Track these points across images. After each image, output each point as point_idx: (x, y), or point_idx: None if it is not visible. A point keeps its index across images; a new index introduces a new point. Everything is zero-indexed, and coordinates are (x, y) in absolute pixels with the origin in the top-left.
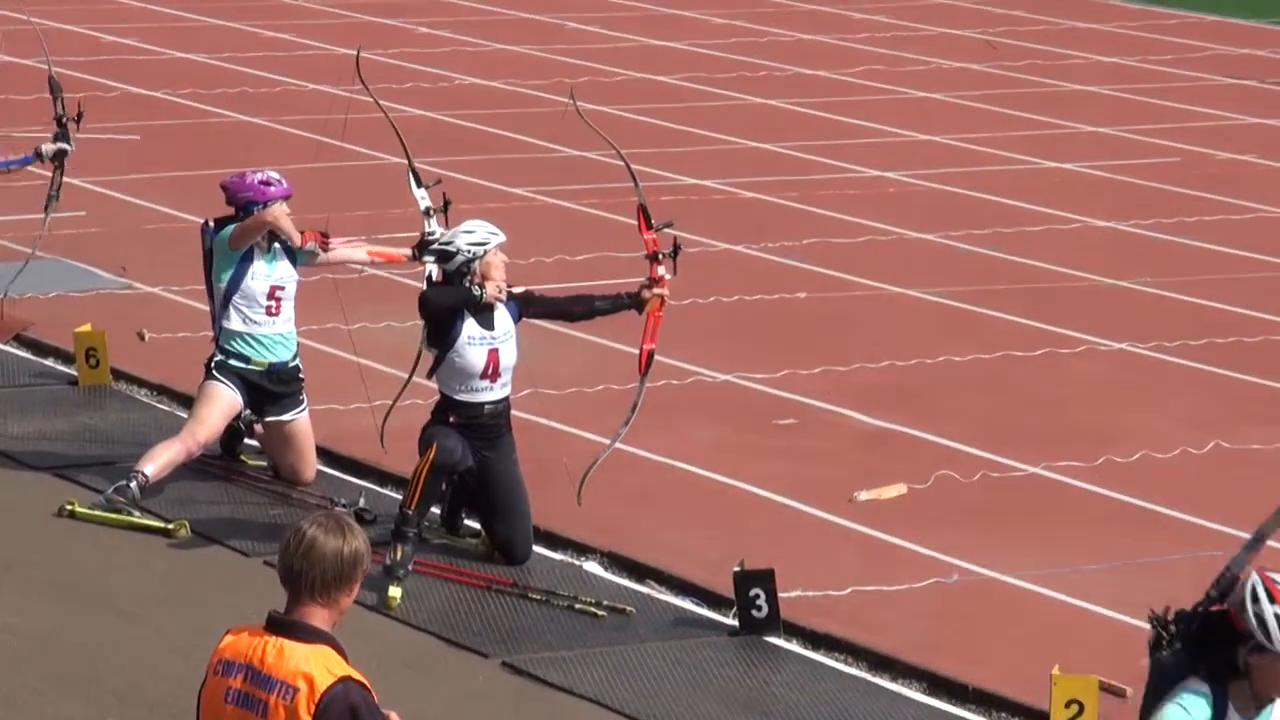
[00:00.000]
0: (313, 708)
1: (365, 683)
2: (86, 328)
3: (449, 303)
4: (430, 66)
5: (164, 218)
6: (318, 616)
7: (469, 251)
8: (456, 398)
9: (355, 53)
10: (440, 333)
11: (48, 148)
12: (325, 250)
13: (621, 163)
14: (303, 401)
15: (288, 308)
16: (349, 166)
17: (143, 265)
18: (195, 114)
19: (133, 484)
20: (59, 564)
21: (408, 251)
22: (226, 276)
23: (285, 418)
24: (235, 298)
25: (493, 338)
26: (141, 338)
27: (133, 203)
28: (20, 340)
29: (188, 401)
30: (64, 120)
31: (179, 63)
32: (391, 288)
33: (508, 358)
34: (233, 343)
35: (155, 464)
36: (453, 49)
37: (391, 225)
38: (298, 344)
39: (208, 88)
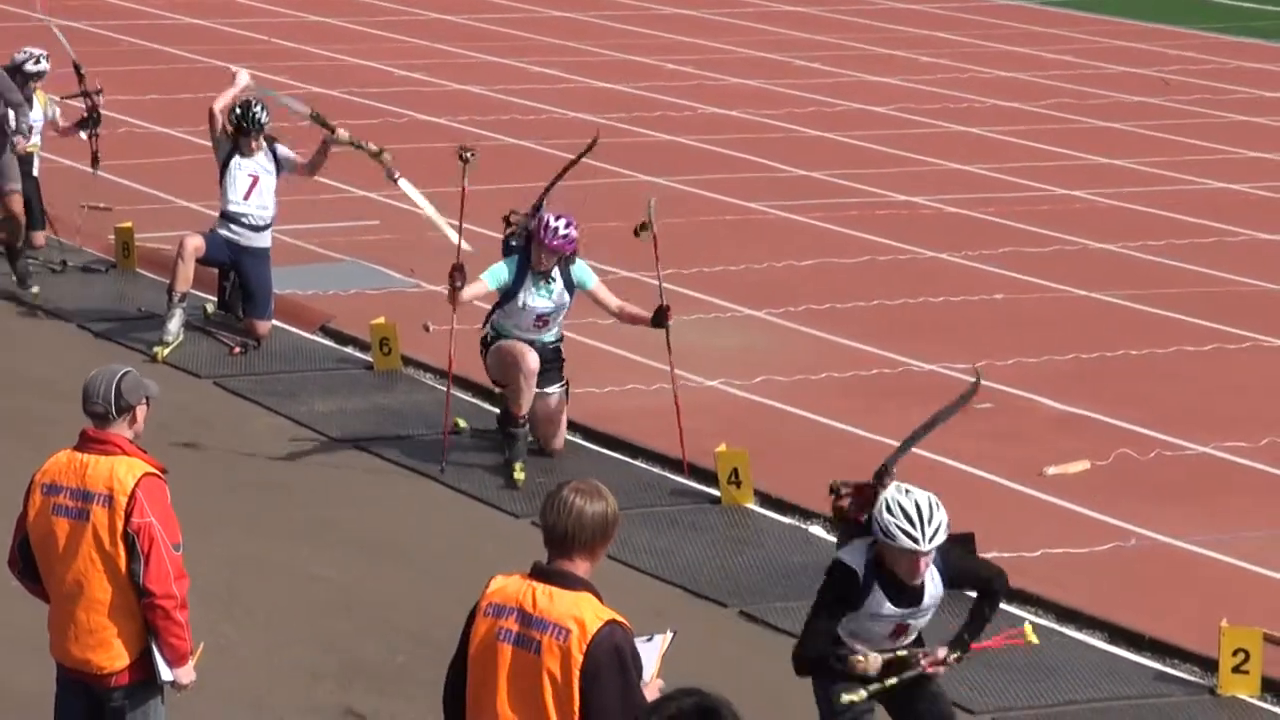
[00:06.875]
0: (584, 646)
1: (627, 625)
2: (380, 320)
3: None
4: (676, 98)
5: None
6: (580, 568)
7: None
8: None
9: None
10: None
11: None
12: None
13: None
14: (562, 380)
15: (556, 326)
16: (600, 184)
17: (428, 268)
18: (471, 137)
19: None
20: (362, 524)
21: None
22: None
23: (548, 390)
24: (500, 315)
25: None
26: (426, 329)
27: (418, 214)
28: (325, 330)
29: (468, 385)
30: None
31: (458, 94)
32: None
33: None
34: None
35: None
36: (697, 83)
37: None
38: (559, 338)
39: (483, 114)
